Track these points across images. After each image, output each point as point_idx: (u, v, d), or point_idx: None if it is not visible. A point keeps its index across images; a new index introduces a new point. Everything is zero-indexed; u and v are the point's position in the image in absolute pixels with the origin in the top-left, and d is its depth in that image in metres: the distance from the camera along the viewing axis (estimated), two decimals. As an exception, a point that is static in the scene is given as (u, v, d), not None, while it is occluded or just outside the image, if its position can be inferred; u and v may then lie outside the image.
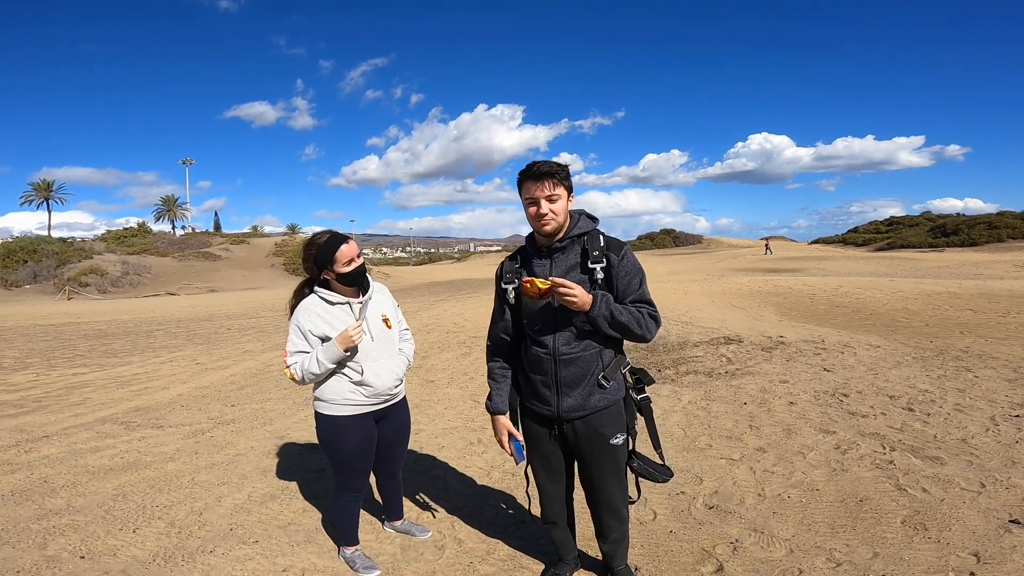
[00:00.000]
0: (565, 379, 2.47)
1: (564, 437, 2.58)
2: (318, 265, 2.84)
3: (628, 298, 2.42)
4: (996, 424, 4.74)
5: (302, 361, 2.81)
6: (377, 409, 2.99)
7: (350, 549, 3.15)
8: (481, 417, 5.65)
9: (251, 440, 5.15)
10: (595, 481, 2.61)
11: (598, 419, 2.49)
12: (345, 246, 2.80)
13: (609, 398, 2.49)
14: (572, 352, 2.44)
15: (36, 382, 7.88)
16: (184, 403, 6.61)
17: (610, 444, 2.51)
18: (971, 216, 52.87)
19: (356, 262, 2.84)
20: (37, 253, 37.29)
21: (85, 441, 5.16)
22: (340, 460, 2.98)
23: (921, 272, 23.49)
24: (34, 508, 3.79)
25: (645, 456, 2.66)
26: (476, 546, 3.28)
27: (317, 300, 2.89)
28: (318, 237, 2.88)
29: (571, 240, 2.46)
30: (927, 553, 2.96)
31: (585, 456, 2.57)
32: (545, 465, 2.68)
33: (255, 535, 3.41)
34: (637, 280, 2.43)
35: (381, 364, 2.94)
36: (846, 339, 8.85)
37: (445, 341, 10.07)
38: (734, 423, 5.10)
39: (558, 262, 2.46)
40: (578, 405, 2.48)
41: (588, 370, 2.46)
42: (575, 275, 2.43)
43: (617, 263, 2.40)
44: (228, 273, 40.48)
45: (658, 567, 2.99)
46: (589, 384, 2.46)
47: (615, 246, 2.44)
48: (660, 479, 2.62)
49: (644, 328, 2.38)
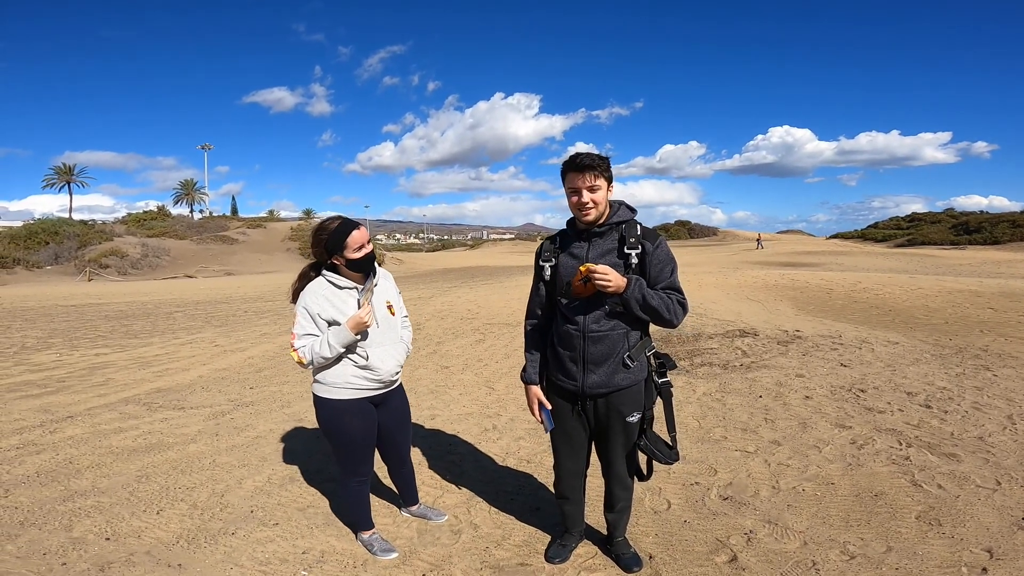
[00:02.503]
0: (592, 356, 2.61)
1: (585, 413, 2.73)
2: (328, 250, 2.83)
3: (660, 284, 2.57)
4: (1013, 423, 4.72)
5: (311, 344, 2.80)
6: (377, 394, 3.01)
7: (366, 533, 3.20)
8: (496, 404, 5.70)
9: (270, 422, 5.23)
10: (609, 455, 2.79)
11: (619, 398, 2.65)
12: (356, 232, 2.80)
13: (632, 378, 2.63)
14: (601, 330, 2.58)
15: (59, 362, 8.03)
16: (204, 385, 6.72)
17: (626, 421, 2.67)
18: (995, 214, 52.07)
19: (366, 248, 2.84)
20: (59, 235, 37.78)
21: (109, 422, 5.27)
22: (344, 445, 2.99)
23: (942, 269, 23.21)
24: (60, 489, 3.88)
25: (656, 436, 2.77)
26: (492, 531, 3.32)
27: (325, 283, 2.88)
28: (329, 222, 2.87)
29: (610, 227, 2.61)
30: (941, 548, 2.96)
31: (602, 431, 2.74)
32: (566, 441, 2.83)
33: (275, 517, 3.48)
34: (669, 269, 2.59)
35: (384, 350, 2.96)
36: (864, 335, 8.80)
37: (459, 327, 10.13)
38: (749, 416, 5.10)
39: (596, 245, 2.62)
40: (602, 382, 2.62)
41: (615, 349, 2.60)
42: (611, 259, 2.58)
43: (652, 251, 2.56)
44: (245, 257, 40.81)
45: (672, 556, 3.02)
46: (614, 363, 2.60)
47: (651, 235, 2.60)
48: (665, 461, 2.73)
49: (672, 313, 2.53)
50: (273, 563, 3.02)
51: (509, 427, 5.03)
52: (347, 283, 2.89)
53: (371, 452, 3.10)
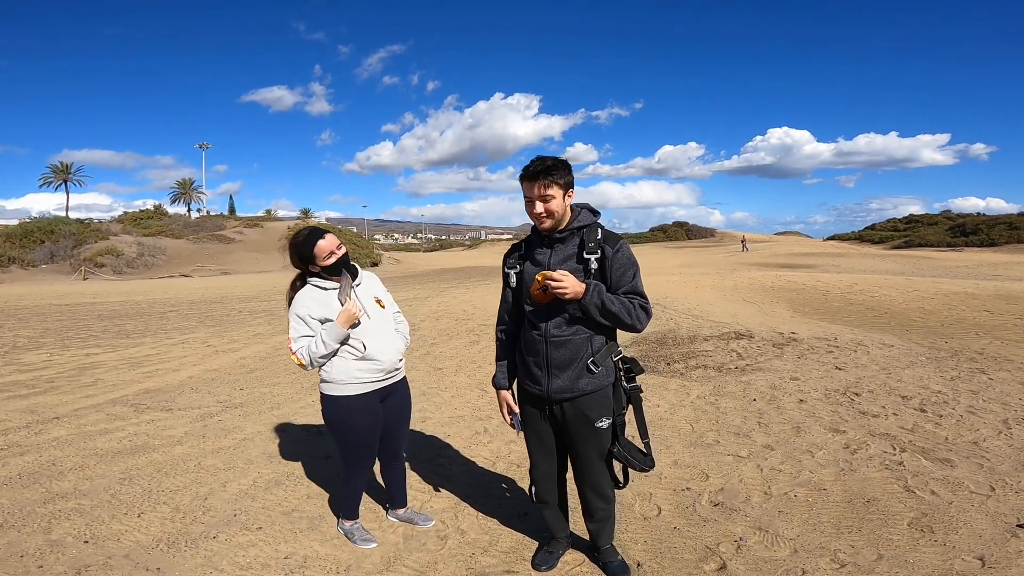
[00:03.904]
0: (555, 360, 2.60)
1: (554, 417, 2.71)
2: (302, 260, 2.97)
3: (621, 289, 2.55)
4: (1009, 427, 4.67)
5: (307, 344, 2.91)
6: (384, 386, 3.08)
7: (348, 522, 3.27)
8: (488, 407, 5.65)
9: (258, 425, 5.18)
10: (581, 462, 2.75)
11: (585, 402, 2.62)
12: (322, 241, 2.92)
13: (597, 383, 2.61)
14: (562, 335, 2.58)
15: (49, 362, 7.98)
16: (194, 386, 6.66)
17: (595, 427, 2.64)
18: (992, 216, 52.16)
19: (337, 254, 2.96)
20: (54, 234, 37.64)
21: (95, 423, 5.21)
22: (349, 440, 3.07)
23: (938, 271, 23.23)
24: (41, 491, 3.83)
25: (629, 443, 2.74)
26: (479, 537, 3.27)
27: (312, 288, 3.00)
28: (297, 236, 3.02)
29: (571, 232, 2.60)
30: (932, 556, 2.92)
31: (572, 437, 2.70)
32: (538, 443, 2.83)
33: (259, 521, 3.43)
34: (631, 273, 2.57)
35: (382, 338, 3.05)
36: (859, 337, 8.76)
37: (454, 329, 10.08)
38: (743, 419, 5.06)
39: (557, 251, 2.61)
40: (566, 387, 2.61)
41: (578, 354, 2.58)
42: (571, 264, 2.57)
43: (612, 255, 2.54)
44: (241, 256, 40.70)
45: (661, 564, 2.97)
46: (578, 367, 2.59)
47: (611, 239, 2.57)
48: (640, 468, 2.71)
49: (634, 318, 2.52)
50: (254, 568, 2.96)
51: (500, 431, 4.98)
52: (332, 284, 3.01)
53: (375, 445, 3.18)
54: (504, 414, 2.91)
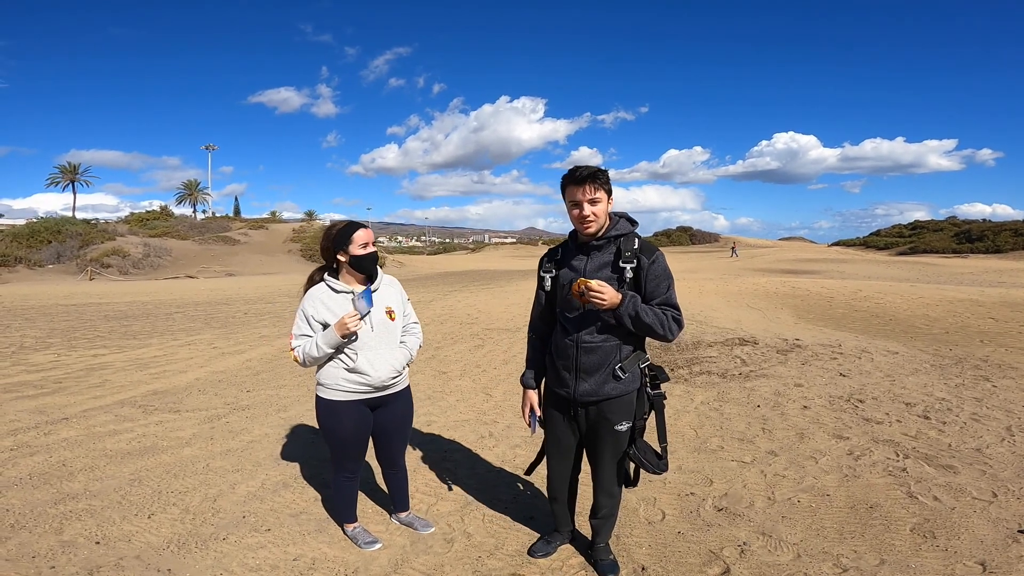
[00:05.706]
0: (584, 365, 2.66)
1: (577, 420, 2.79)
2: (335, 244, 2.98)
3: (655, 300, 2.60)
4: (1012, 434, 4.69)
5: (304, 345, 2.97)
6: (371, 398, 3.09)
7: (350, 526, 3.32)
8: (493, 410, 5.69)
9: (265, 427, 5.22)
10: (597, 462, 2.84)
11: (609, 406, 2.69)
12: (363, 230, 2.99)
13: (622, 388, 2.67)
14: (593, 342, 2.64)
15: (57, 362, 8.03)
16: (201, 387, 6.71)
17: (614, 430, 2.71)
18: (998, 222, 52.02)
19: (370, 247, 3.00)
20: (61, 234, 37.82)
21: (104, 424, 5.26)
22: (334, 442, 3.13)
23: (943, 278, 23.19)
24: (52, 492, 3.86)
25: (646, 445, 2.80)
26: (485, 540, 3.30)
27: (324, 288, 3.04)
28: (338, 223, 3.08)
29: (608, 240, 2.64)
30: (934, 561, 2.95)
31: (591, 439, 2.80)
32: (556, 445, 2.92)
33: (267, 523, 3.47)
34: (665, 284, 2.61)
35: (377, 354, 3.04)
36: (864, 344, 8.78)
37: (458, 333, 10.11)
38: (746, 425, 5.08)
39: (594, 258, 2.66)
40: (592, 391, 2.67)
41: (606, 360, 2.64)
42: (606, 272, 2.61)
43: (648, 266, 2.58)
44: (246, 258, 40.82)
45: (665, 568, 3.00)
46: (605, 373, 2.64)
47: (647, 250, 2.63)
48: (653, 471, 2.76)
49: (667, 329, 2.56)
50: (264, 569, 3.00)
51: (505, 434, 5.01)
52: (344, 287, 3.02)
53: (361, 452, 3.20)
54: (524, 412, 2.98)
